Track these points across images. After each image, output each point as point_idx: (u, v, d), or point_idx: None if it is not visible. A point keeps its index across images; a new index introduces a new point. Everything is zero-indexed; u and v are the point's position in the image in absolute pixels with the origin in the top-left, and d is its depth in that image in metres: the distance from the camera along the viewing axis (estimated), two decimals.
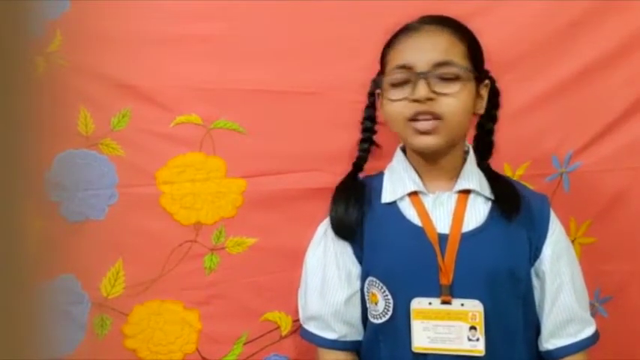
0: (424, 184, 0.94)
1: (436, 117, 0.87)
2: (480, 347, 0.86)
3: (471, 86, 0.89)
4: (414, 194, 0.93)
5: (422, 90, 0.86)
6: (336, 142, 1.12)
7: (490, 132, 1.01)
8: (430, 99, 0.86)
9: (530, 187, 1.04)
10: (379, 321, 0.92)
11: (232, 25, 1.11)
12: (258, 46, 1.11)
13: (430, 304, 0.87)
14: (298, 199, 1.13)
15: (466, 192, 0.93)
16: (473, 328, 0.86)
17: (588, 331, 0.94)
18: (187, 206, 1.10)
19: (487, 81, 0.95)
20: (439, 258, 0.88)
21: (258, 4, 1.11)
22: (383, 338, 0.93)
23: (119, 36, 1.08)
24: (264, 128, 1.12)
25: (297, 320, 1.06)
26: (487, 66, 0.97)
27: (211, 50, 1.11)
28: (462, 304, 0.87)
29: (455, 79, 0.87)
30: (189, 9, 1.10)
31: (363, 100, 1.05)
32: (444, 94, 0.86)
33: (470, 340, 0.86)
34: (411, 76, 0.87)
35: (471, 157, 0.96)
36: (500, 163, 1.09)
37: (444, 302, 0.87)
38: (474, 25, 0.97)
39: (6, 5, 0.36)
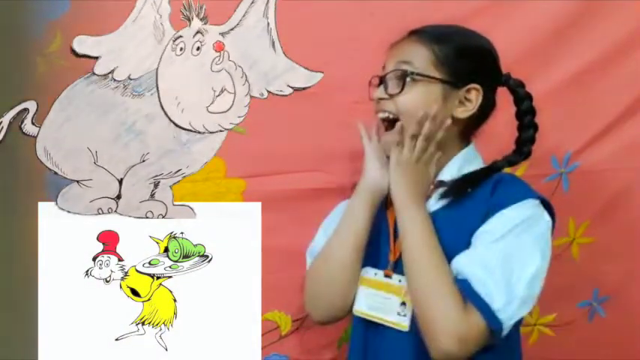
0: None
1: (393, 115, 0.94)
2: (405, 323, 0.90)
3: (431, 89, 0.91)
4: None
5: (377, 91, 0.95)
6: (336, 142, 1.12)
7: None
8: (382, 98, 0.94)
9: None
10: None
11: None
12: None
13: (375, 274, 0.95)
14: (298, 199, 1.13)
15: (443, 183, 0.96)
16: (404, 304, 0.91)
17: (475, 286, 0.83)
18: None
19: (474, 85, 0.93)
20: (391, 236, 0.95)
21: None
22: None
23: None
24: (264, 128, 1.12)
25: (297, 320, 1.06)
26: None
27: None
28: (400, 280, 0.92)
29: (410, 78, 0.91)
30: None
31: (363, 100, 1.04)
32: (396, 94, 0.92)
33: (399, 314, 0.91)
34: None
35: (464, 153, 0.96)
36: None
37: (386, 275, 0.94)
38: (473, 26, 0.97)
39: (6, 5, 0.36)
